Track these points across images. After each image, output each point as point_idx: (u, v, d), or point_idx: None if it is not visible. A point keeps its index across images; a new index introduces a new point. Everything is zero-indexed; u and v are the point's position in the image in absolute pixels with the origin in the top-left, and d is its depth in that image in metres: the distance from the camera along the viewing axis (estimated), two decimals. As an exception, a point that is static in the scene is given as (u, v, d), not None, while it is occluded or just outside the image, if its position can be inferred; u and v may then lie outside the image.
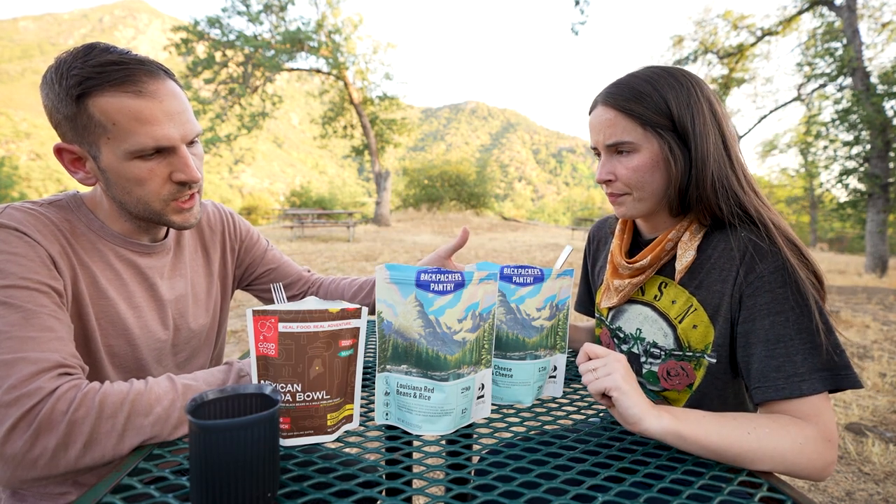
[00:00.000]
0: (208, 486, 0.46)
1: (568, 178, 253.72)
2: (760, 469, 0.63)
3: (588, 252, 1.18)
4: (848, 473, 2.08)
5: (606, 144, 0.84)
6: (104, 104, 0.68)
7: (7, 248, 0.66)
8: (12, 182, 22.96)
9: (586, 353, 0.71)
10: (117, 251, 0.80)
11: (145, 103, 0.70)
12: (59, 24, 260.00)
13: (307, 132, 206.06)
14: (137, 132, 0.70)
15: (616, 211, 0.90)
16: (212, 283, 1.00)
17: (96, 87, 0.68)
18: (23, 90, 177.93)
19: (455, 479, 0.56)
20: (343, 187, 43.54)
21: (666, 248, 0.86)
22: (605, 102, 0.84)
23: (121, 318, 0.79)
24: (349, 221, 12.39)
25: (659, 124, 0.80)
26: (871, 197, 9.75)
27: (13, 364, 0.58)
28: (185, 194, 0.78)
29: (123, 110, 0.69)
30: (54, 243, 0.71)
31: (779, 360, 0.71)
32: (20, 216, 0.70)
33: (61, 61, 0.70)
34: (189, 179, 0.76)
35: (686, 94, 0.80)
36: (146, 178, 0.73)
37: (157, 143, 0.71)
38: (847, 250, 20.70)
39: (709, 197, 0.80)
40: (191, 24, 16.95)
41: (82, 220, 0.78)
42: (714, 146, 0.80)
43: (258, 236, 1.12)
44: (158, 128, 0.71)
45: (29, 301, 0.63)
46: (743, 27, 14.24)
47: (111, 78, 0.68)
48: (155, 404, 0.63)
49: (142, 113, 0.70)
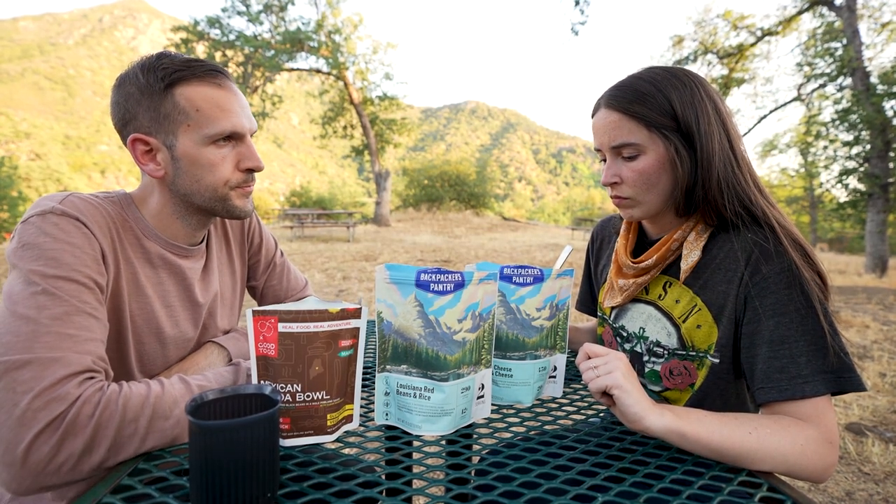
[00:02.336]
0: (208, 486, 0.46)
1: (568, 178, 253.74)
2: (761, 469, 0.63)
3: (591, 251, 1.17)
4: (848, 473, 2.08)
5: (611, 146, 0.84)
6: (190, 93, 0.76)
7: (65, 237, 0.67)
8: (12, 182, 22.92)
9: (586, 353, 0.71)
10: (159, 251, 0.82)
11: (225, 94, 0.79)
12: (59, 23, 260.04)
13: (307, 132, 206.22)
14: (218, 118, 0.77)
15: (622, 213, 0.90)
16: (235, 283, 1.02)
17: (185, 78, 0.75)
18: (23, 90, 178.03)
19: (455, 480, 0.56)
20: (343, 187, 43.58)
21: (672, 249, 0.86)
22: (608, 105, 0.83)
23: (155, 316, 0.80)
24: (349, 221, 12.41)
25: (663, 125, 0.79)
26: (871, 197, 9.75)
27: (48, 365, 0.58)
28: (248, 182, 0.84)
29: (208, 98, 0.77)
30: (107, 236, 0.73)
31: (782, 361, 0.71)
32: (82, 205, 0.71)
33: (146, 60, 0.77)
34: (255, 167, 0.83)
35: (689, 93, 0.80)
36: (218, 164, 0.79)
37: (234, 128, 0.78)
38: (847, 250, 20.71)
39: (715, 197, 0.80)
40: (191, 24, 16.96)
41: (130, 217, 0.80)
42: (719, 145, 0.80)
43: (266, 247, 1.09)
44: (235, 117, 0.79)
45: (75, 296, 0.64)
46: (743, 27, 14.23)
47: (198, 71, 0.76)
48: (174, 406, 0.63)
49: (222, 101, 0.78)
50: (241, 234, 1.04)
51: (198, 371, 0.83)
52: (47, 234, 0.66)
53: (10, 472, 0.56)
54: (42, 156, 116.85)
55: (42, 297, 0.62)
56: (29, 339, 0.59)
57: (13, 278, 0.64)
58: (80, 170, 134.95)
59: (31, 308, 0.61)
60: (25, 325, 0.59)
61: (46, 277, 0.63)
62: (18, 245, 0.66)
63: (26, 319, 0.60)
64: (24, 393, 0.56)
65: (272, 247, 1.11)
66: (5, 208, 21.90)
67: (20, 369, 0.57)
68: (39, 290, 0.62)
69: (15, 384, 0.57)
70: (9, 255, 0.66)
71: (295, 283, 1.14)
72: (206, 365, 0.85)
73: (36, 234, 0.66)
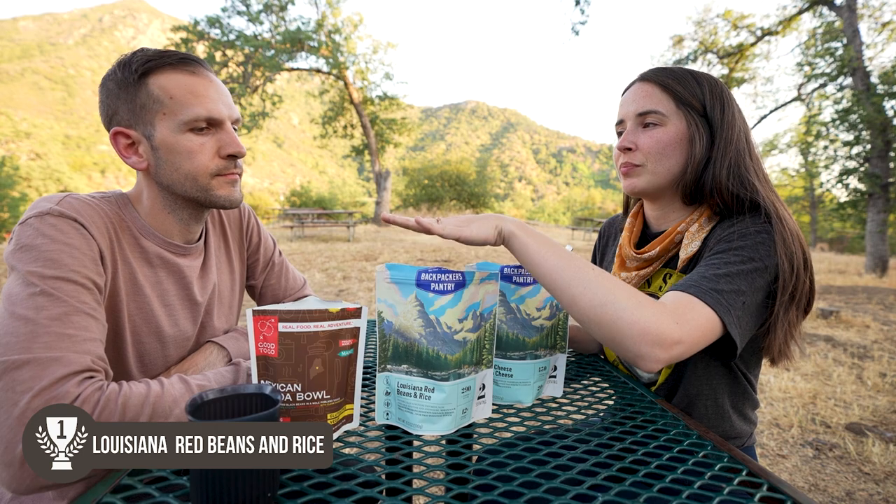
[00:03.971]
0: (208, 486, 0.46)
1: (568, 177, 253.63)
2: (589, 305, 0.64)
3: (598, 247, 1.19)
4: (848, 473, 2.08)
5: (638, 113, 0.86)
6: (163, 80, 0.76)
7: (63, 237, 0.67)
8: (13, 182, 22.93)
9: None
10: (157, 250, 0.82)
11: (199, 80, 0.78)
12: (59, 23, 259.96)
13: (307, 132, 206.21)
14: (192, 104, 0.76)
15: (625, 183, 0.90)
16: (234, 281, 1.01)
17: (157, 67, 0.76)
18: (23, 90, 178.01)
19: (455, 479, 0.56)
20: (343, 187, 43.55)
21: (675, 241, 0.87)
22: (645, 78, 0.88)
23: (154, 315, 0.80)
24: (349, 221, 12.40)
25: (692, 105, 0.84)
26: (871, 197, 9.74)
27: (47, 365, 0.58)
28: (230, 169, 0.82)
29: (180, 85, 0.76)
30: (105, 237, 0.73)
31: (697, 270, 0.74)
32: (79, 206, 0.71)
33: (123, 56, 0.78)
34: (236, 152, 0.81)
35: (720, 91, 0.85)
36: (197, 151, 0.78)
37: (210, 114, 0.77)
38: (847, 250, 20.70)
39: (722, 182, 0.81)
40: (191, 23, 16.97)
41: (127, 217, 0.80)
42: (738, 137, 0.84)
43: (265, 246, 1.09)
44: (210, 102, 0.78)
45: (73, 296, 0.64)
46: (743, 27, 14.23)
47: (170, 60, 0.76)
48: (174, 406, 0.63)
49: (196, 88, 0.77)
50: (239, 232, 1.03)
51: (197, 371, 0.83)
52: (45, 235, 0.66)
53: (9, 471, 0.56)
54: (42, 156, 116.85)
55: (40, 297, 0.62)
56: (28, 340, 0.59)
57: (12, 280, 0.64)
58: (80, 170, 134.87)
59: (29, 309, 0.61)
60: (24, 326, 0.59)
61: (45, 278, 0.63)
62: (16, 247, 0.66)
63: (25, 320, 0.60)
64: (23, 392, 0.56)
65: (270, 246, 1.11)
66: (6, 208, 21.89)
67: (19, 369, 0.57)
68: (38, 291, 0.62)
69: (14, 384, 0.57)
70: (7, 257, 0.66)
71: (293, 283, 1.14)
72: (205, 365, 0.85)
73: (34, 236, 0.66)
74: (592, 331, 0.66)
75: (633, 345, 0.62)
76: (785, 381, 3.13)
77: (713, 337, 0.68)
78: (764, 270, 0.72)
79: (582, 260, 0.68)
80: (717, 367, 0.84)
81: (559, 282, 0.66)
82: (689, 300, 0.67)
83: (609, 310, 0.62)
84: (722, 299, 0.68)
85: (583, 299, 0.64)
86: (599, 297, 0.63)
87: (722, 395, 0.86)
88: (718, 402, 0.86)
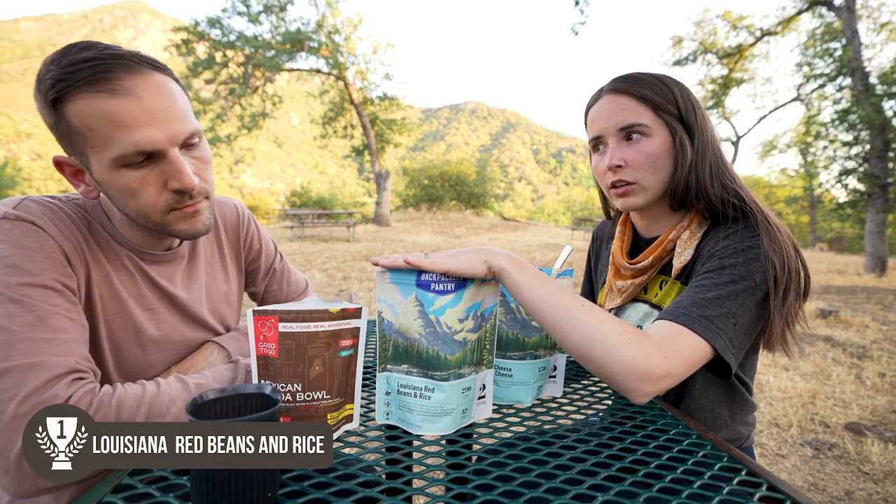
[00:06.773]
0: (208, 485, 0.46)
1: (568, 178, 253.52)
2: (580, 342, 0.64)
3: (591, 250, 1.19)
4: (847, 473, 2.08)
5: (619, 128, 0.83)
6: (78, 108, 0.61)
7: (22, 242, 0.63)
8: (15, 183, 22.93)
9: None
10: (132, 256, 0.78)
11: (120, 103, 0.62)
12: (60, 24, 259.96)
13: (307, 132, 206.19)
14: (116, 138, 0.62)
15: (620, 203, 0.88)
16: (229, 284, 0.98)
17: (68, 90, 0.61)
18: (23, 90, 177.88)
19: (455, 479, 0.56)
20: (343, 187, 43.55)
21: (667, 249, 0.87)
22: (614, 90, 0.85)
23: (132, 319, 0.77)
24: (349, 221, 12.40)
25: (668, 111, 0.83)
26: (871, 197, 9.74)
27: (29, 370, 0.57)
28: (185, 202, 0.70)
29: (97, 114, 0.61)
30: (69, 239, 0.69)
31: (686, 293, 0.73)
32: (37, 209, 0.67)
33: (42, 65, 0.63)
34: (183, 187, 0.67)
35: (686, 91, 0.85)
36: (138, 189, 0.66)
37: (139, 147, 0.63)
38: (846, 250, 20.68)
39: (706, 185, 0.81)
40: (191, 24, 16.95)
41: (99, 221, 0.75)
42: (710, 137, 0.84)
43: (266, 253, 1.06)
44: (139, 131, 0.63)
45: (44, 300, 0.62)
46: (742, 27, 14.24)
47: (80, 77, 0.60)
48: (171, 405, 0.62)
49: (117, 114, 0.61)
50: (236, 237, 1.00)
51: (197, 371, 0.82)
52: (3, 241, 0.63)
53: (7, 477, 0.56)
54: (43, 156, 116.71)
55: (10, 305, 0.60)
56: (5, 349, 0.57)
57: None
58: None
59: (1, 318, 0.59)
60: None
61: (10, 286, 0.60)
62: None
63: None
64: (8, 400, 0.56)
65: (272, 251, 1.08)
66: (6, 209, 21.86)
67: (0, 379, 0.56)
68: (6, 300, 0.60)
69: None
70: None
71: (296, 287, 1.12)
72: (206, 365, 0.84)
73: None
74: (584, 365, 0.67)
75: (623, 381, 0.63)
76: (784, 381, 3.13)
77: (703, 362, 0.69)
78: (755, 289, 0.72)
79: (572, 294, 0.68)
80: (713, 379, 0.85)
81: (550, 320, 0.66)
82: (677, 331, 0.67)
83: (598, 348, 0.63)
84: (712, 325, 0.68)
85: (573, 337, 0.64)
86: (588, 335, 0.63)
87: (720, 406, 0.87)
88: (716, 412, 0.87)
